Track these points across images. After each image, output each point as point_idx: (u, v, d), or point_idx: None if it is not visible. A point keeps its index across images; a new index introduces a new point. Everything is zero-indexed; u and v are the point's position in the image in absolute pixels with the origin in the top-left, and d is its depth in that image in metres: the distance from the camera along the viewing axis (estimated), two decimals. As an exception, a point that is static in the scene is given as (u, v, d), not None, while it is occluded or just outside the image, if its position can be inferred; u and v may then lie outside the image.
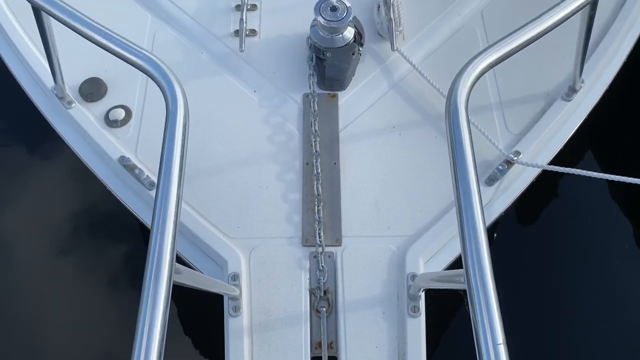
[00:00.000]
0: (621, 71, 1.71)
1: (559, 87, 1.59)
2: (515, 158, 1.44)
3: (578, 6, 1.15)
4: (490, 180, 1.44)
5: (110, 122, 1.53)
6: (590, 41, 1.65)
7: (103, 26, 1.14)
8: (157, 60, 1.08)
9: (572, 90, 1.55)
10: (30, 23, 1.29)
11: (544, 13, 1.13)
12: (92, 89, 1.59)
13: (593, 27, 1.39)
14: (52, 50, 1.35)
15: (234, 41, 1.66)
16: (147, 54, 1.09)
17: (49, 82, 1.54)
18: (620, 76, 1.71)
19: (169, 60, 1.62)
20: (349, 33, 1.55)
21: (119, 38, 1.12)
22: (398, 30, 1.63)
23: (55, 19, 1.16)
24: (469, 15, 1.73)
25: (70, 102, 1.54)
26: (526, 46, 1.10)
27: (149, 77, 1.07)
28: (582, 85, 1.55)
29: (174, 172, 0.94)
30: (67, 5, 1.15)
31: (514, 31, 1.10)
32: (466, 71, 1.01)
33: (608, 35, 1.69)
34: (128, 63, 1.10)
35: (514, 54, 1.09)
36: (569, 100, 1.55)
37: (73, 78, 1.57)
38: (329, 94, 1.59)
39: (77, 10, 1.15)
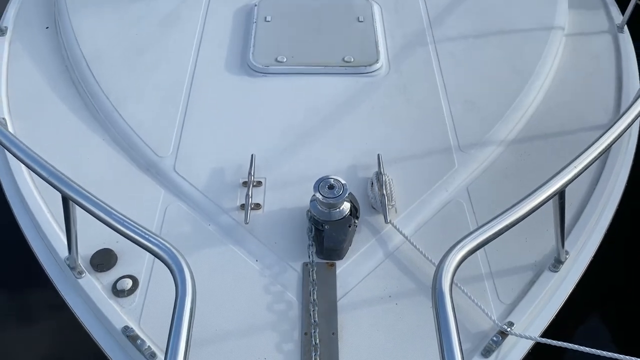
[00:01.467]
0: (606, 237, 1.82)
1: (546, 258, 1.68)
2: (509, 329, 1.48)
3: (546, 197, 1.29)
4: (487, 352, 1.46)
5: (117, 292, 1.60)
6: (572, 212, 1.78)
7: (124, 216, 1.26)
8: (171, 247, 1.18)
9: (558, 262, 1.63)
10: (49, 194, 1.41)
11: (513, 205, 1.26)
12: (103, 260, 1.67)
13: (573, 199, 1.51)
14: (73, 232, 1.47)
15: (240, 214, 1.78)
16: (162, 241, 1.20)
17: (62, 252, 1.64)
18: (605, 243, 1.81)
19: (177, 232, 1.75)
20: (346, 207, 1.68)
21: (139, 227, 1.24)
22: (390, 205, 1.76)
23: (82, 208, 1.29)
24: (455, 190, 1.88)
25: (80, 272, 1.62)
26: (498, 236, 1.21)
27: (163, 262, 1.17)
28: (567, 256, 1.64)
29: (179, 357, 0.99)
30: (94, 197, 1.29)
31: (486, 222, 1.22)
32: (448, 258, 1.11)
33: (588, 206, 1.83)
34: (145, 250, 1.20)
35: (487, 243, 1.20)
36: (556, 271, 1.62)
37: (86, 249, 1.67)
38: (327, 263, 1.67)
39: (103, 202, 1.28)
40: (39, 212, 1.79)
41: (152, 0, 2.57)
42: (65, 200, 1.38)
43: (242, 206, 1.80)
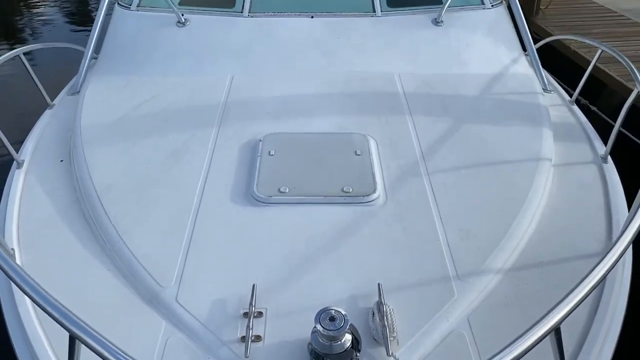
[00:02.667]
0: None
1: None
2: None
3: (542, 335, 1.31)
4: None
5: None
6: (572, 345, 1.77)
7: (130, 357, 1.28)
8: None
9: None
10: (52, 330, 1.42)
11: (506, 347, 1.27)
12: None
13: (573, 330, 1.51)
14: None
15: (240, 347, 1.78)
16: None
17: None
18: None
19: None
20: (347, 340, 1.67)
21: None
22: (392, 336, 1.76)
23: (90, 348, 1.31)
24: (456, 320, 1.89)
25: None
26: None
27: None
28: None
29: None
30: (103, 337, 1.31)
31: None
32: None
33: (588, 339, 1.82)
34: None
35: None
36: None
37: None
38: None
39: (112, 343, 1.30)
40: (41, 348, 1.79)
41: (163, 135, 2.74)
42: (72, 339, 1.39)
43: (243, 338, 1.80)
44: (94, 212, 2.33)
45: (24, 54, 3.13)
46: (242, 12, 3.50)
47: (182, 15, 3.46)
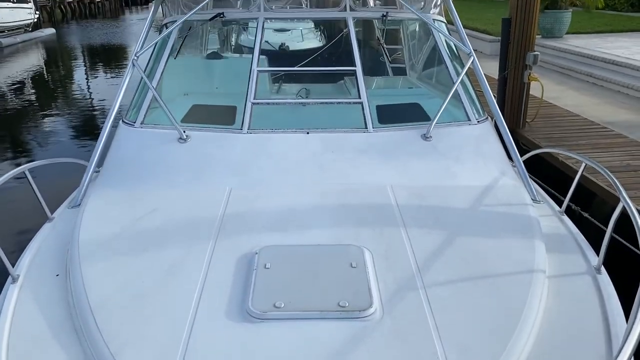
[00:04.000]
0: None
1: None
2: None
3: None
4: None
5: None
6: None
7: None
8: None
9: None
10: None
11: None
12: None
13: None
14: None
15: None
16: None
17: None
18: None
19: None
20: None
21: None
22: None
23: None
24: None
25: None
26: None
27: None
28: None
29: None
30: None
31: None
32: None
33: None
34: None
35: None
36: None
37: None
38: None
39: None
40: None
41: (160, 250, 2.77)
42: None
43: None
44: (86, 329, 2.30)
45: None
46: (241, 129, 3.67)
47: (184, 132, 3.62)
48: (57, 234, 3.13)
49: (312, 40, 8.53)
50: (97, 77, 18.48)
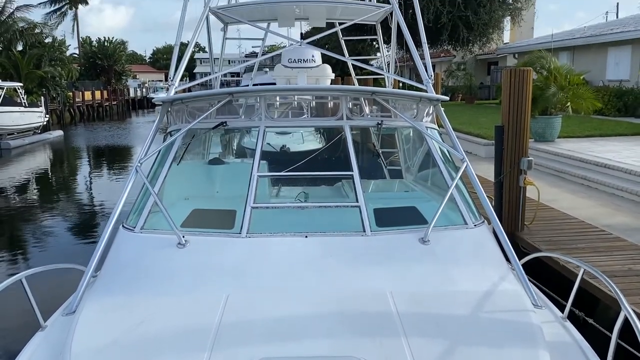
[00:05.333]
0: None
1: None
2: None
3: None
4: None
5: None
6: None
7: None
8: None
9: None
10: None
11: None
12: None
13: None
14: None
15: None
16: None
17: None
18: None
19: None
20: None
21: None
22: None
23: None
24: None
25: None
26: None
27: None
28: None
29: None
30: None
31: None
32: None
33: None
34: None
35: None
36: None
37: None
38: None
39: None
40: None
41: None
42: None
43: None
44: None
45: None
46: (240, 233, 3.70)
47: (183, 237, 3.64)
48: (48, 344, 3.05)
49: (312, 142, 8.81)
50: (101, 178, 18.85)
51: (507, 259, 3.81)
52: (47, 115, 31.22)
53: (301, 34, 6.10)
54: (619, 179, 9.92)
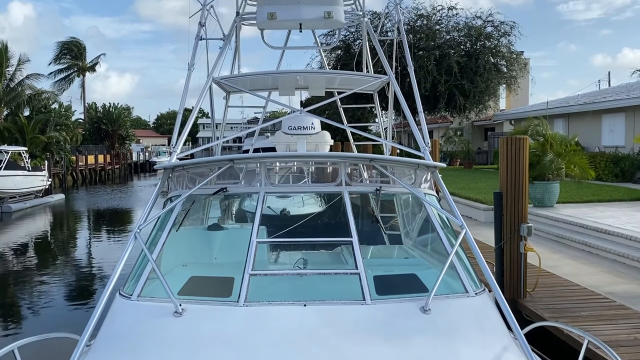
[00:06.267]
0: None
1: None
2: None
3: None
4: None
5: None
6: None
7: None
8: None
9: None
10: None
11: None
12: None
13: None
14: None
15: None
16: None
17: None
18: None
19: None
20: None
21: None
22: None
23: None
24: None
25: None
26: None
27: None
28: None
29: None
30: None
31: None
32: None
33: None
34: None
35: None
36: None
37: None
38: None
39: None
40: None
41: None
42: None
43: None
44: None
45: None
46: (238, 302, 3.65)
47: (180, 305, 3.60)
48: None
49: (312, 205, 8.83)
50: (100, 242, 18.75)
51: (509, 328, 3.74)
52: (49, 179, 31.51)
53: (301, 101, 6.27)
54: (620, 245, 9.88)
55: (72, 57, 57.44)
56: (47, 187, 30.53)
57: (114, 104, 59.33)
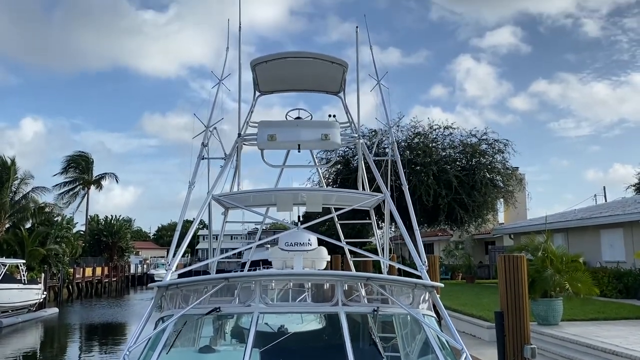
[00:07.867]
0: None
1: None
2: None
3: None
4: None
5: None
6: None
7: None
8: None
9: None
10: None
11: None
12: None
13: None
14: None
15: None
16: None
17: None
18: None
19: None
20: None
21: None
22: None
23: None
24: None
25: None
26: None
27: None
28: None
29: None
30: None
31: None
32: None
33: None
34: None
35: None
36: None
37: None
38: None
39: None
40: None
41: None
42: None
43: None
44: None
45: None
46: None
47: None
48: None
49: (312, 322, 8.59)
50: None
51: None
52: (44, 292, 30.90)
53: (298, 217, 6.37)
54: (629, 366, 9.48)
55: (80, 171, 58.61)
56: (40, 300, 29.86)
57: (115, 216, 59.83)
